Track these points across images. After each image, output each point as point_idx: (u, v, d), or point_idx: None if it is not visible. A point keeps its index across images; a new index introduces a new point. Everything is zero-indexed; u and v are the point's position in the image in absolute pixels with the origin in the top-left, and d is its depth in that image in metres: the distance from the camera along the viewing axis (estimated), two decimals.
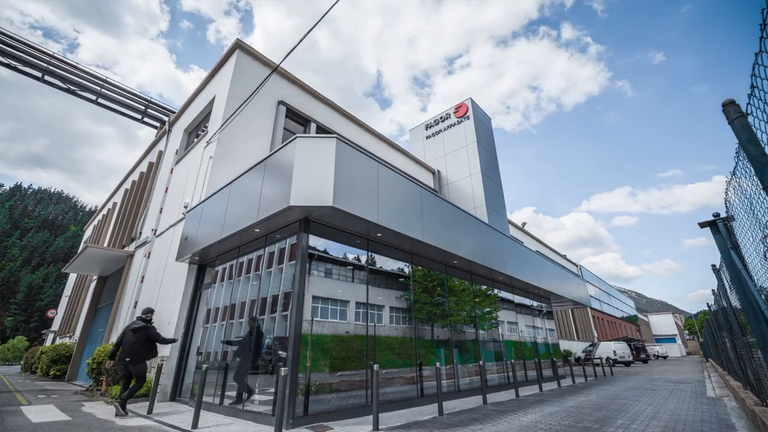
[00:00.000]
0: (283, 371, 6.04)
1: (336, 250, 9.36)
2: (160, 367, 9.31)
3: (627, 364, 33.88)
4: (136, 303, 14.01)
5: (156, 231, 15.22)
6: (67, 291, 33.76)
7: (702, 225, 4.49)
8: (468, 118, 24.24)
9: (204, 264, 12.16)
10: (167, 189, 16.04)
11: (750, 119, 2.56)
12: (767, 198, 2.81)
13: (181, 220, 12.93)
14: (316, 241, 8.83)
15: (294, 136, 8.52)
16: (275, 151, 8.99)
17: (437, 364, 9.10)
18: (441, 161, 24.93)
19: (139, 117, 33.75)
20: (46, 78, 28.97)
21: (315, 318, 8.20)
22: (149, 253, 14.89)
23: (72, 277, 32.99)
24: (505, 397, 11.70)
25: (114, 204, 27.41)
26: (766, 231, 3.26)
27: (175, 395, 10.72)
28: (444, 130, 25.51)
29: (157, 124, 34.00)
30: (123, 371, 9.35)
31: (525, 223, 42.82)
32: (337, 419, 7.79)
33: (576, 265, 53.87)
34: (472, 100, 24.85)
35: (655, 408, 9.24)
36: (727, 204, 4.31)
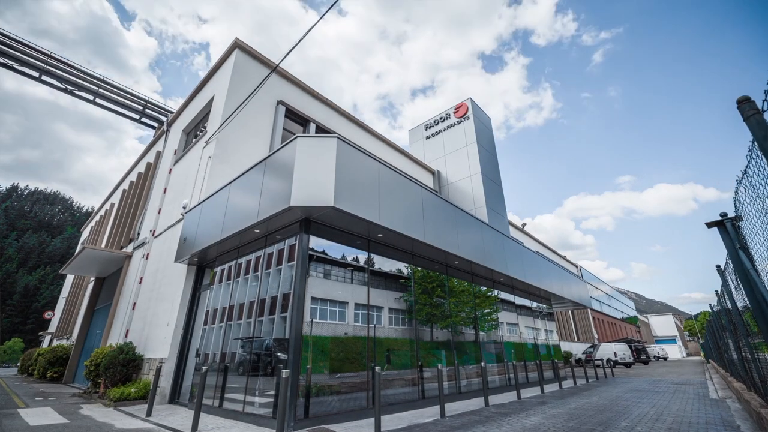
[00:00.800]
0: (285, 373, 5.99)
1: (336, 250, 9.31)
2: (158, 369, 9.26)
3: (628, 365, 33.85)
4: (134, 304, 13.96)
5: (154, 232, 15.16)
6: (64, 292, 33.66)
7: (709, 225, 4.45)
8: (468, 118, 24.19)
9: (203, 265, 12.11)
10: (166, 189, 15.98)
11: (767, 116, 2.53)
12: None
13: (180, 220, 12.88)
14: (316, 242, 8.79)
15: (294, 135, 8.48)
16: (275, 151, 8.95)
17: (439, 365, 9.06)
18: (441, 161, 24.87)
19: (137, 117, 33.62)
20: (43, 78, 28.86)
21: (314, 319, 8.15)
22: (147, 254, 14.83)
23: (69, 279, 32.89)
24: (507, 399, 11.66)
25: (112, 205, 27.34)
26: None
27: (174, 397, 10.66)
28: (444, 130, 25.46)
29: (155, 124, 33.89)
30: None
31: (525, 224, 42.78)
32: (339, 422, 7.74)
33: (576, 266, 53.85)
34: (472, 100, 24.80)
35: (659, 410, 9.20)
36: (737, 203, 4.26)
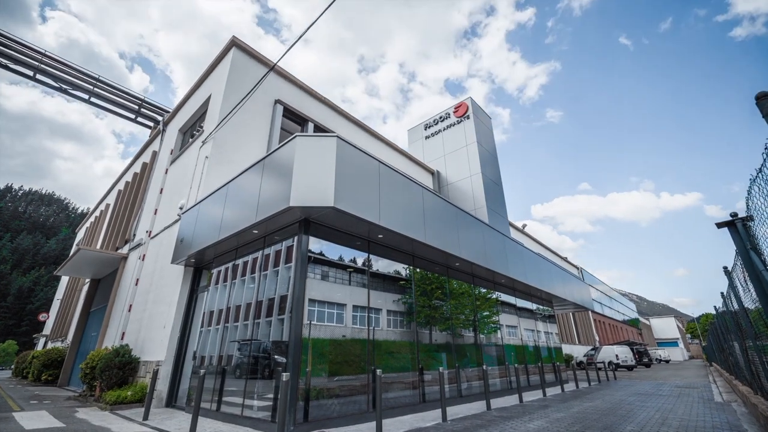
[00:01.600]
0: (285, 377, 5.94)
1: (336, 252, 9.27)
2: (155, 372, 9.20)
3: (630, 368, 33.85)
4: (130, 306, 13.89)
5: (150, 233, 15.10)
6: (59, 294, 33.55)
7: (719, 225, 4.41)
8: (468, 117, 24.14)
9: (200, 266, 12.05)
10: (162, 190, 15.93)
11: None
12: None
13: (177, 221, 12.82)
14: (314, 243, 8.74)
15: (294, 135, 8.43)
16: (274, 151, 8.90)
17: (440, 368, 9.01)
18: (440, 161, 24.82)
19: (133, 117, 33.62)
20: (38, 76, 28.82)
21: (312, 321, 8.10)
22: (143, 256, 14.77)
23: (64, 280, 32.79)
24: (509, 403, 11.61)
25: (107, 205, 27.24)
26: None
27: (171, 401, 10.59)
28: (443, 130, 25.41)
29: (151, 123, 33.88)
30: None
31: (525, 225, 42.72)
32: (339, 425, 7.69)
33: (577, 268, 53.83)
34: (472, 99, 24.77)
35: (663, 414, 9.16)
36: (749, 203, 4.22)
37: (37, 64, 28.24)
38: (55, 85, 29.52)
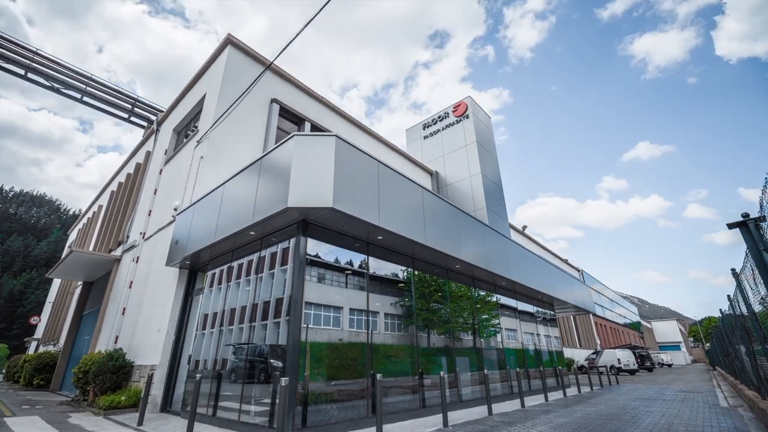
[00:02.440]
0: (284, 381, 5.88)
1: (334, 253, 9.22)
2: (150, 377, 9.13)
3: (632, 372, 33.87)
4: (124, 309, 13.81)
5: (144, 234, 15.01)
6: (51, 297, 33.40)
7: (731, 226, 4.38)
8: (467, 117, 24.08)
9: (195, 269, 11.99)
10: (156, 190, 15.84)
11: None
12: None
13: (171, 222, 12.74)
14: (311, 245, 8.69)
15: (291, 134, 8.38)
16: (271, 150, 8.85)
17: (441, 373, 8.97)
18: (439, 162, 24.75)
19: (126, 116, 33.43)
20: (29, 75, 28.68)
21: (309, 325, 8.04)
22: (137, 258, 14.69)
23: (56, 283, 32.64)
24: (510, 408, 11.58)
25: (99, 207, 27.12)
26: None
27: (166, 406, 10.52)
28: (442, 129, 25.34)
29: (145, 123, 33.72)
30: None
31: (525, 227, 42.72)
32: (338, 431, 7.64)
33: (578, 270, 53.85)
34: (471, 98, 24.72)
35: (669, 419, 9.13)
36: (762, 204, 4.18)
37: (29, 62, 28.10)
38: (47, 84, 29.37)
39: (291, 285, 8.14)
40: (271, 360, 7.95)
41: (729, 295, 9.91)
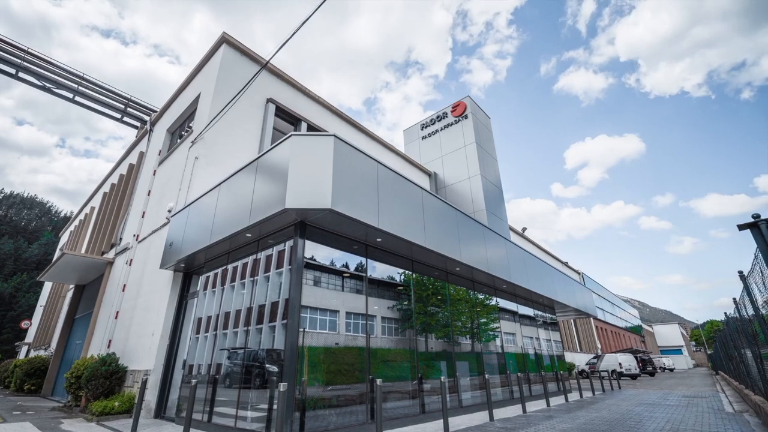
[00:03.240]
0: (282, 387, 5.82)
1: (332, 256, 9.18)
2: (144, 382, 9.04)
3: (633, 377, 33.89)
4: (117, 313, 13.72)
5: (138, 236, 14.94)
6: (42, 301, 33.24)
7: (741, 227, 4.35)
8: (466, 117, 24.00)
9: (190, 271, 11.92)
10: (150, 192, 15.77)
11: None
12: None
13: (165, 224, 12.67)
14: (311, 247, 8.64)
15: (289, 134, 8.34)
16: (268, 150, 8.81)
17: (442, 378, 8.91)
18: (437, 163, 24.68)
19: (119, 116, 33.39)
20: (20, 75, 28.59)
21: (305, 329, 7.98)
22: (131, 260, 14.61)
23: (47, 287, 32.49)
24: (512, 413, 11.53)
25: (92, 208, 27.00)
26: None
27: (161, 412, 10.43)
28: (441, 130, 25.26)
29: (138, 123, 33.65)
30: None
31: (525, 228, 42.72)
32: None
33: (578, 273, 53.91)
34: (470, 98, 24.66)
35: (674, 425, 9.09)
36: None
37: (20, 61, 28.00)
38: (39, 84, 29.29)
39: (288, 288, 8.08)
40: (267, 365, 7.90)
41: (735, 298, 9.89)
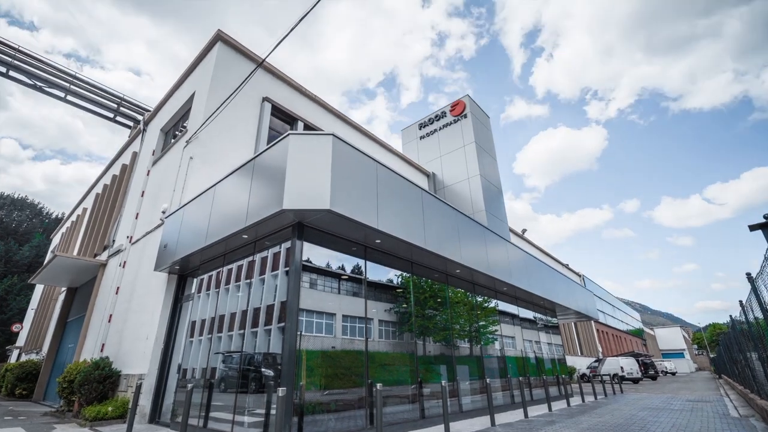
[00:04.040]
0: (281, 392, 5.78)
1: (326, 258, 9.12)
2: (138, 387, 8.99)
3: (635, 381, 33.86)
4: (110, 316, 13.64)
5: (132, 238, 14.86)
6: (33, 304, 33.08)
7: (752, 228, 4.32)
8: (465, 116, 23.93)
9: (185, 274, 11.86)
10: (143, 193, 15.69)
11: None
12: None
13: (160, 226, 12.61)
14: (308, 249, 8.60)
15: (286, 133, 8.29)
16: (265, 150, 8.76)
17: (442, 382, 8.88)
18: (436, 163, 24.61)
19: (112, 116, 33.30)
20: (11, 73, 28.50)
21: (301, 332, 7.93)
22: (124, 262, 14.53)
23: (38, 289, 32.34)
24: (513, 418, 11.49)
25: (84, 210, 26.88)
26: None
27: (155, 417, 10.37)
28: (439, 129, 25.19)
29: (131, 123, 33.57)
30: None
31: (525, 230, 42.71)
32: None
33: (579, 275, 53.94)
34: (469, 97, 24.61)
35: (680, 430, 9.08)
36: None
37: (10, 60, 27.90)
38: (30, 83, 29.21)
39: (286, 290, 8.03)
40: (263, 369, 7.85)
41: (741, 301, 9.88)
